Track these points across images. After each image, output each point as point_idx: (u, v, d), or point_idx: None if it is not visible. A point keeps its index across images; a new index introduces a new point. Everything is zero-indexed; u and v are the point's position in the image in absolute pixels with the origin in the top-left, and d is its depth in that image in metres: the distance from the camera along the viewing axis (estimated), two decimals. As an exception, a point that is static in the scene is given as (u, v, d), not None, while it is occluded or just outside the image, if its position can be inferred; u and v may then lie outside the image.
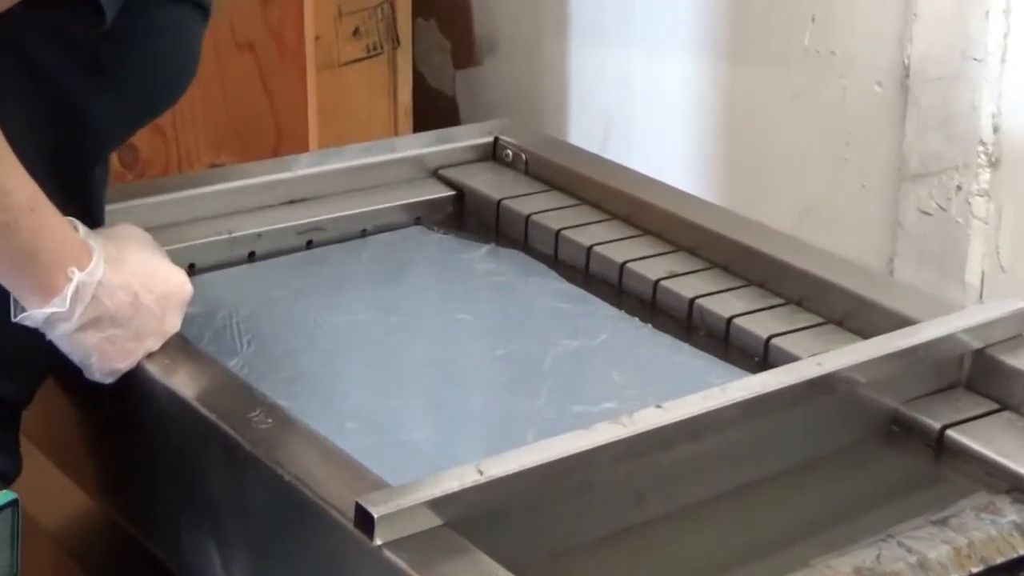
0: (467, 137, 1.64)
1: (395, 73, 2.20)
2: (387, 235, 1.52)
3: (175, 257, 1.25)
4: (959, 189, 1.74)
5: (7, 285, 1.12)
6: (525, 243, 1.50)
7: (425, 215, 1.56)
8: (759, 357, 1.29)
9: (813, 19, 1.89)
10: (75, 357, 1.16)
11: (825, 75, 1.89)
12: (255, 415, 1.09)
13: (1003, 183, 1.72)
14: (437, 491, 0.96)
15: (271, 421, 1.09)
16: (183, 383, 1.15)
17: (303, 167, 1.54)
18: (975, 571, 1.03)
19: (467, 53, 2.45)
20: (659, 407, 1.06)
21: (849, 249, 1.76)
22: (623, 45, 2.18)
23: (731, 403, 1.08)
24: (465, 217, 1.56)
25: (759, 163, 2.02)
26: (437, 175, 1.60)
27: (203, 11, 1.24)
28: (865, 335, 1.26)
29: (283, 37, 2.05)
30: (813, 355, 1.19)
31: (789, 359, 1.24)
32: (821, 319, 1.31)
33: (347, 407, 1.21)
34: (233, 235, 1.45)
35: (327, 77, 2.10)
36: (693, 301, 1.35)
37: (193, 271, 1.39)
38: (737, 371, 1.26)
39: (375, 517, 0.94)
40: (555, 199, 1.54)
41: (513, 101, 2.39)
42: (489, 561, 0.94)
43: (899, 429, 1.19)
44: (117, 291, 1.14)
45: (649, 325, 1.35)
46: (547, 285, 1.42)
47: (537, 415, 1.21)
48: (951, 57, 1.73)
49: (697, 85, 2.08)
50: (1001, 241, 1.73)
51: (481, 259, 1.47)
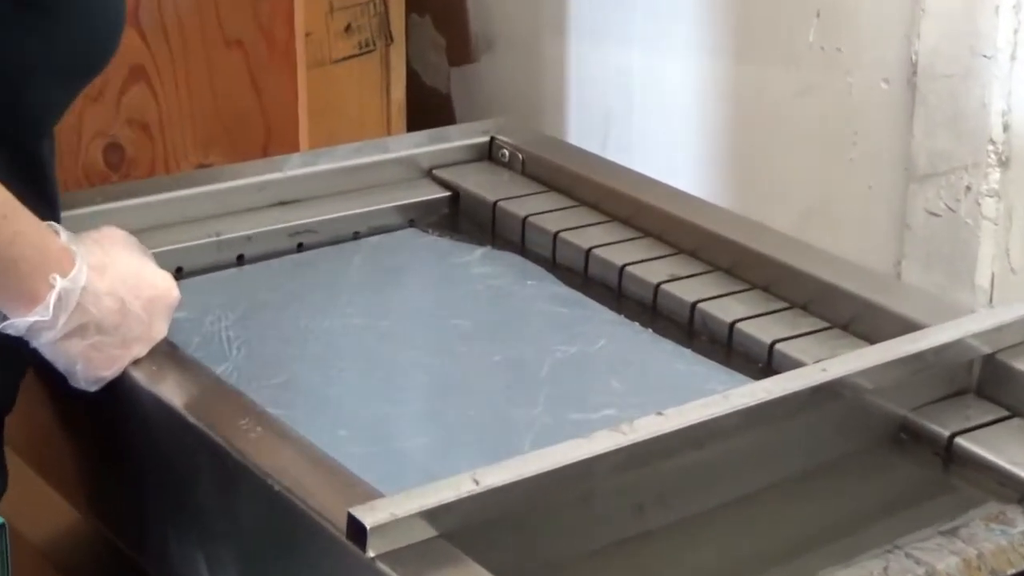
0: (462, 136, 1.64)
1: (388, 70, 2.20)
2: (380, 237, 1.52)
3: (162, 260, 1.25)
4: (968, 189, 1.74)
5: None
6: (522, 246, 1.51)
7: (419, 217, 1.56)
8: (763, 363, 1.29)
9: (818, 14, 1.89)
10: (59, 365, 1.16)
11: (830, 72, 1.89)
12: (244, 423, 1.09)
13: (1014, 183, 1.72)
14: (432, 501, 0.96)
15: (261, 429, 1.09)
16: (170, 390, 1.15)
17: (294, 167, 1.54)
18: (985, 583, 1.03)
19: (463, 50, 2.45)
20: (660, 414, 1.06)
21: (855, 251, 1.76)
22: (623, 42, 2.18)
23: (734, 410, 1.08)
24: (460, 219, 1.57)
25: (762, 163, 2.02)
26: (431, 175, 1.60)
27: None
28: (872, 340, 1.26)
29: (273, 33, 2.05)
30: (818, 361, 1.19)
31: (793, 365, 1.24)
32: (826, 324, 1.31)
33: (339, 415, 1.22)
34: (221, 237, 1.45)
35: (318, 75, 2.10)
36: (695, 305, 1.35)
37: (180, 275, 1.40)
38: (740, 377, 1.26)
39: (368, 528, 0.94)
40: (553, 200, 1.54)
41: (510, 99, 2.39)
42: (485, 573, 0.94)
43: (907, 437, 1.19)
44: (103, 297, 1.14)
45: (649, 330, 1.35)
46: (544, 289, 1.43)
47: (534, 423, 1.21)
48: (960, 53, 1.73)
49: (699, 83, 2.08)
50: (1012, 243, 1.73)
51: (477, 262, 1.47)
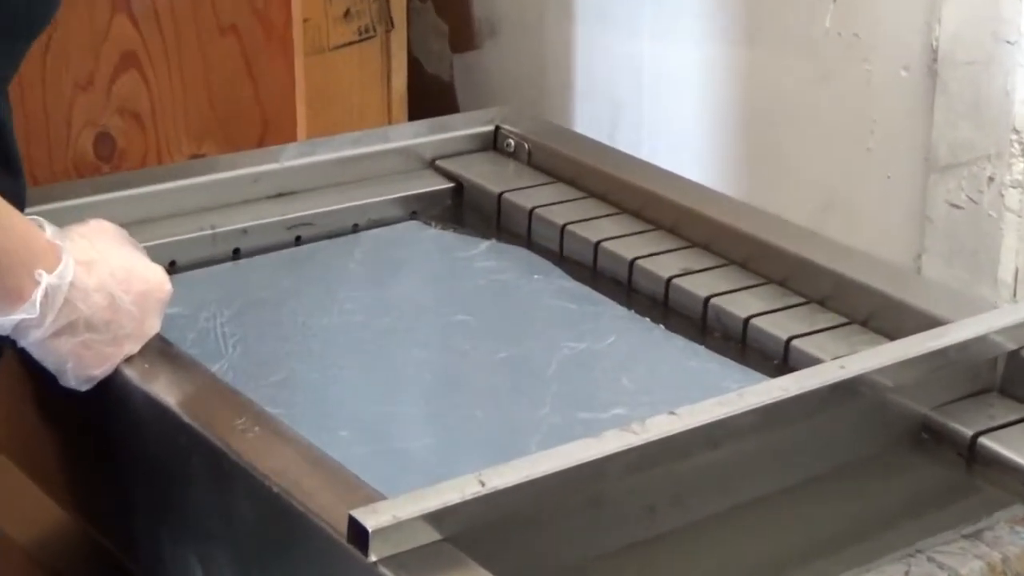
0: (466, 126, 1.64)
1: (389, 58, 2.20)
2: (381, 230, 1.52)
3: (155, 254, 1.25)
4: (991, 180, 1.74)
5: None
6: (528, 239, 1.51)
7: (421, 209, 1.56)
8: (778, 360, 1.29)
9: (835, -1, 1.90)
10: (49, 364, 1.16)
11: (848, 59, 1.89)
12: (241, 423, 1.09)
13: (1038, 174, 1.72)
14: (436, 503, 0.96)
15: (258, 429, 1.09)
16: (164, 389, 1.15)
17: (291, 158, 1.54)
18: (1010, 588, 1.03)
19: (466, 36, 2.45)
20: (672, 414, 1.06)
21: (874, 244, 1.76)
22: (632, 27, 2.18)
23: (749, 409, 1.08)
24: (464, 211, 1.57)
25: (777, 153, 2.02)
26: (434, 166, 1.60)
27: None
28: (892, 336, 1.26)
29: (269, 19, 2.04)
30: (836, 358, 1.19)
31: (811, 362, 1.24)
32: (844, 319, 1.31)
33: (339, 414, 1.22)
34: (216, 231, 1.46)
35: (316, 62, 2.10)
36: (708, 300, 1.35)
37: (174, 269, 1.40)
38: (755, 375, 1.26)
39: (369, 531, 0.94)
40: (560, 192, 1.54)
41: (514, 88, 2.39)
42: (491, 578, 0.94)
43: (929, 437, 1.19)
44: (92, 293, 1.14)
45: (661, 326, 1.35)
46: (552, 284, 1.42)
47: (542, 422, 1.21)
48: (982, 40, 1.73)
49: (711, 70, 2.08)
50: (1036, 236, 1.73)
51: (481, 256, 1.47)
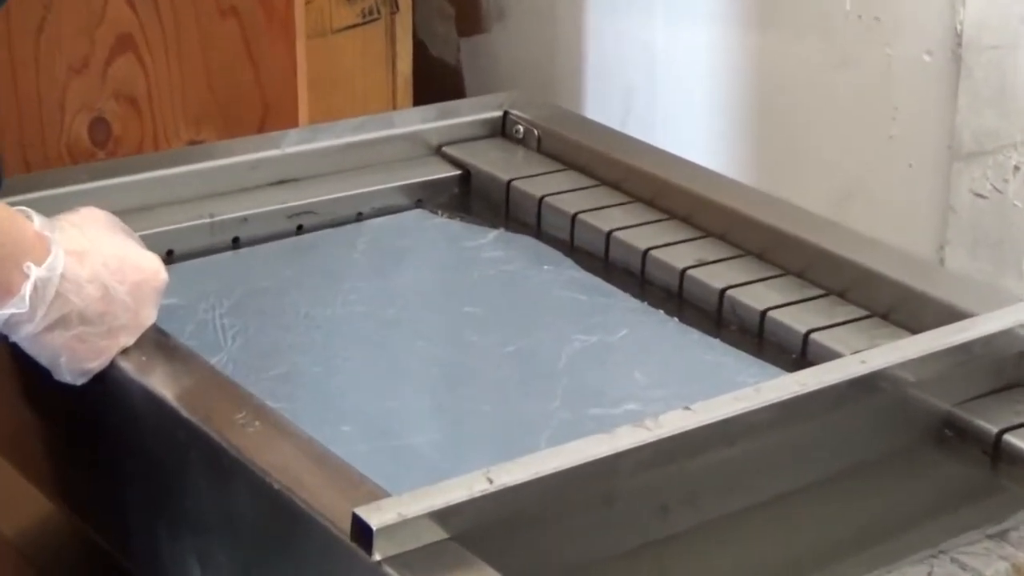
0: (473, 111, 1.64)
1: (393, 41, 2.20)
2: (385, 219, 1.52)
3: (151, 243, 1.25)
4: (1017, 169, 1.74)
5: None
6: (537, 228, 1.50)
7: (427, 197, 1.56)
8: (797, 354, 1.29)
9: (855, -19, 1.89)
10: (42, 359, 1.16)
11: (869, 44, 1.89)
12: (241, 417, 1.09)
13: (1065, 162, 1.72)
14: (442, 501, 0.96)
15: (259, 424, 1.09)
16: (161, 382, 1.15)
17: (292, 144, 1.54)
18: (1036, 590, 1.03)
19: (473, 19, 2.45)
20: (687, 409, 1.06)
21: (895, 235, 1.76)
22: (645, 10, 2.18)
23: (766, 405, 1.08)
24: (471, 199, 1.57)
25: (795, 141, 2.02)
26: (440, 153, 1.60)
27: None
28: (914, 330, 1.26)
29: (270, 1, 2.04)
30: (856, 352, 1.19)
31: (830, 356, 1.24)
32: (865, 312, 1.31)
33: (342, 408, 1.22)
34: (215, 219, 1.45)
35: (319, 45, 2.10)
36: (723, 292, 1.35)
37: (171, 258, 1.40)
38: (772, 369, 1.26)
39: (374, 529, 0.94)
40: (570, 179, 1.54)
41: (523, 72, 2.39)
42: (499, 578, 0.94)
43: (952, 433, 1.18)
44: (85, 285, 1.13)
45: (675, 319, 1.35)
46: (562, 274, 1.42)
47: (551, 418, 1.21)
48: (1008, 23, 1.72)
49: (726, 55, 2.08)
50: (1063, 227, 1.73)
51: (489, 246, 1.47)
